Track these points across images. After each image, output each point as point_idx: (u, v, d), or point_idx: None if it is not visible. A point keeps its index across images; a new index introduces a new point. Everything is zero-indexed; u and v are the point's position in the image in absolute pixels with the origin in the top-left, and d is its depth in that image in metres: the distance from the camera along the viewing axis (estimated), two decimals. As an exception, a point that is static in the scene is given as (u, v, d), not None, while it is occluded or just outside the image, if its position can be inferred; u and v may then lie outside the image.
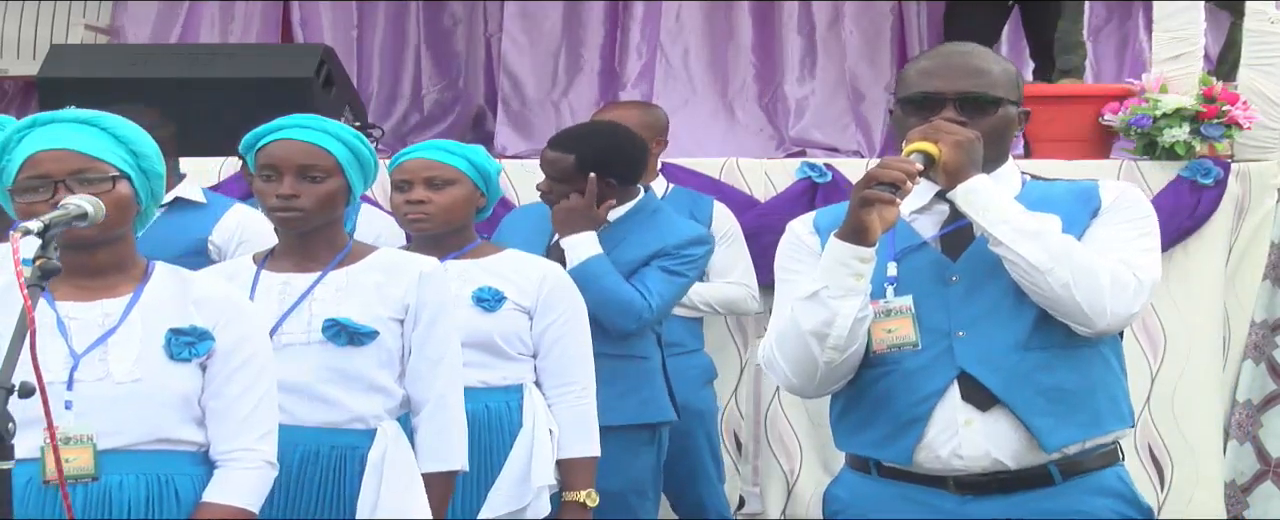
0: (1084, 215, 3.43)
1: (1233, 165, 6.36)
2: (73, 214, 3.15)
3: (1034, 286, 3.33)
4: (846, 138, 8.15)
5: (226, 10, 8.62)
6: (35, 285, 2.98)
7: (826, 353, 3.36)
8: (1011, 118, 3.47)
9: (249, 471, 3.36)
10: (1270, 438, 6.29)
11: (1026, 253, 3.31)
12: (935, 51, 3.56)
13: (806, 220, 3.59)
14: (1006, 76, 3.48)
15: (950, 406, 3.38)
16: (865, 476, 3.51)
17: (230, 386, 3.35)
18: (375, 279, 3.84)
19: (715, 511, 6.00)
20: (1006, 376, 3.36)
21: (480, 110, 8.65)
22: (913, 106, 3.44)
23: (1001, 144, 3.46)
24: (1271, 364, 6.30)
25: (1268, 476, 6.30)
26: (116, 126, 3.36)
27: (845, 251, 3.29)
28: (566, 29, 8.47)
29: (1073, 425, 3.39)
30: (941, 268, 3.42)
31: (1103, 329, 3.36)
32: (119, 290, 3.36)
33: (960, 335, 3.38)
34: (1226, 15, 7.64)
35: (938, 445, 3.39)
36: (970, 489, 3.40)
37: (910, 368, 3.40)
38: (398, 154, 4.61)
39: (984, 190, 3.34)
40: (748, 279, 6.07)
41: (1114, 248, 3.38)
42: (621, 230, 5.19)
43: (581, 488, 4.51)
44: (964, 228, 3.42)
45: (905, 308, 3.39)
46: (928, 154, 3.32)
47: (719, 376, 6.18)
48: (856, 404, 3.48)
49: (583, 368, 4.55)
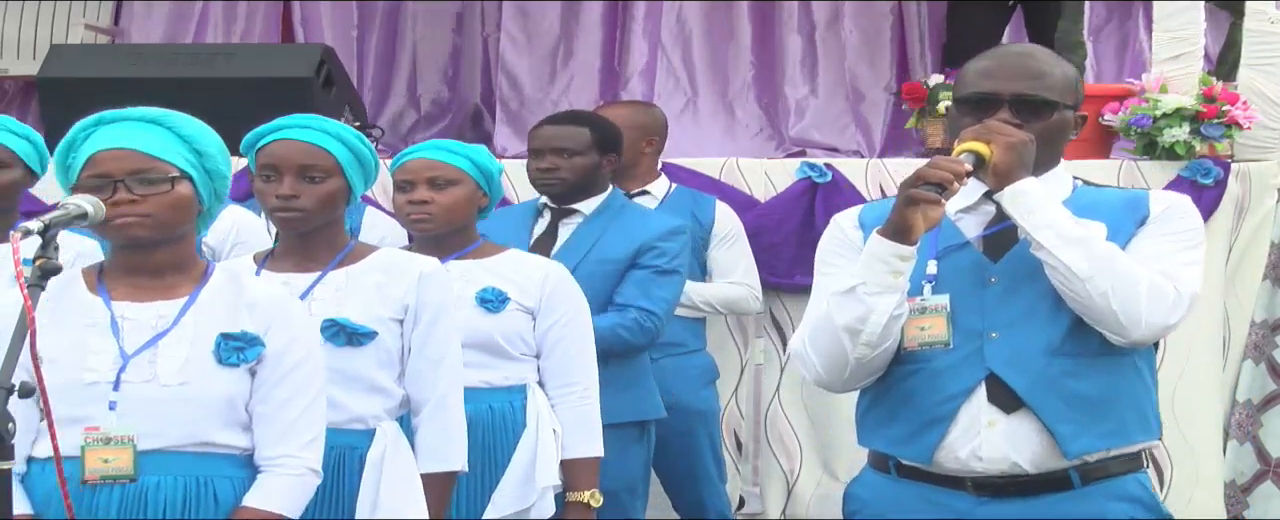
0: (1130, 224, 3.42)
1: (1233, 165, 6.36)
2: (72, 214, 3.16)
3: (1072, 293, 3.32)
4: (846, 138, 8.15)
5: (227, 10, 8.63)
6: (35, 285, 2.99)
7: (858, 349, 3.36)
8: (1067, 122, 3.46)
9: (291, 478, 3.35)
10: (1270, 438, 6.29)
11: (1068, 259, 3.30)
12: (995, 52, 3.56)
13: (852, 214, 3.58)
14: (1065, 80, 3.47)
15: (975, 407, 3.38)
16: (884, 476, 3.51)
17: (278, 392, 3.35)
18: (375, 279, 3.84)
19: (716, 511, 6.00)
20: (1034, 380, 3.36)
21: (477, 110, 8.65)
22: (968, 106, 3.43)
23: (1054, 148, 3.46)
24: (1271, 364, 6.30)
25: (1268, 476, 6.30)
26: (182, 125, 3.36)
27: (886, 249, 3.30)
28: (566, 29, 8.47)
29: (1095, 434, 3.39)
30: (981, 268, 3.42)
31: (1137, 339, 3.35)
32: (176, 292, 3.36)
33: (993, 337, 3.38)
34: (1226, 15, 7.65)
35: (958, 446, 3.38)
36: (988, 490, 3.40)
37: (939, 366, 3.40)
38: (400, 154, 4.61)
39: (1031, 193, 3.34)
40: (749, 279, 6.08)
41: (1157, 258, 3.37)
42: (598, 226, 5.25)
43: (585, 488, 4.51)
44: (1008, 229, 3.41)
45: (940, 306, 3.39)
46: (978, 154, 3.31)
47: (719, 377, 6.18)
48: (882, 400, 3.48)
49: (585, 368, 4.55)
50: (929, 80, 7.16)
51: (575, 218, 5.38)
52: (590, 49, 8.44)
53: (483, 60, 8.71)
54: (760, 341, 6.53)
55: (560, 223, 5.39)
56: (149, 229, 3.28)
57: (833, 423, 6.50)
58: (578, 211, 5.39)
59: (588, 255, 5.19)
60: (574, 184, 5.36)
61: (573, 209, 5.39)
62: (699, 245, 6.01)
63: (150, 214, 3.28)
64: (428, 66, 8.71)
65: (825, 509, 6.51)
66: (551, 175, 5.35)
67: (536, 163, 5.37)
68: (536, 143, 5.41)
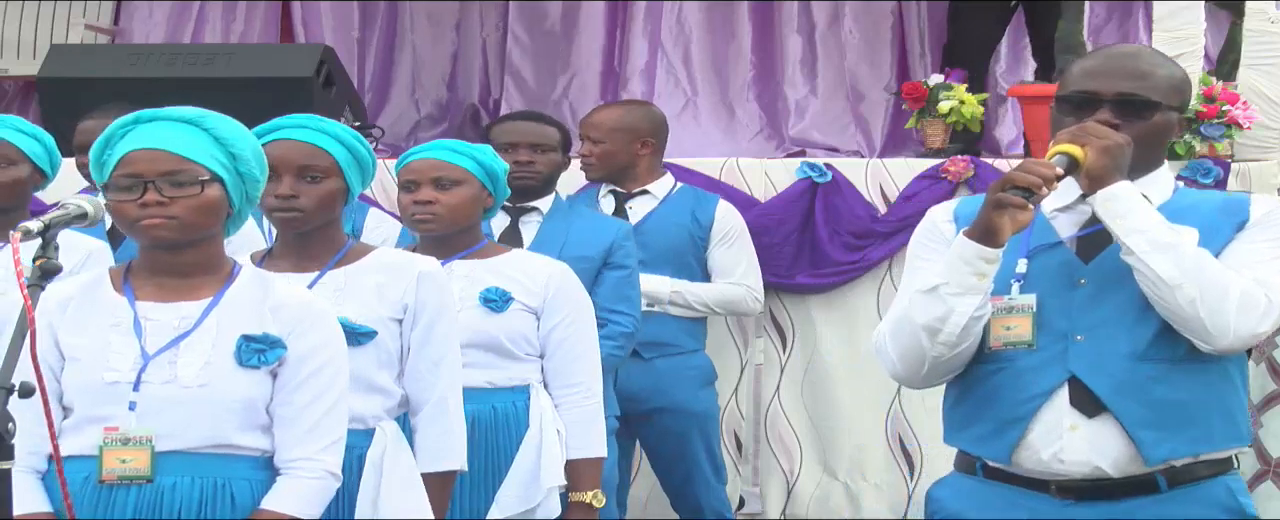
0: (1228, 228, 3.38)
1: (1233, 165, 6.36)
2: (72, 214, 3.16)
3: (1160, 299, 3.29)
4: (846, 138, 8.15)
5: (227, 10, 8.63)
6: (35, 285, 2.99)
7: (936, 348, 3.34)
8: (1170, 123, 3.43)
9: (310, 481, 3.35)
10: (1270, 438, 6.28)
11: (1157, 265, 3.27)
12: (1101, 51, 3.55)
13: (948, 208, 3.55)
14: (1169, 81, 3.43)
15: (1057, 410, 3.35)
16: (969, 477, 3.48)
17: (299, 395, 3.35)
18: (374, 279, 3.84)
19: (713, 512, 6.00)
20: (1117, 385, 3.33)
21: (476, 110, 8.65)
22: (1069, 105, 3.40)
23: (1155, 150, 3.42)
24: (1271, 364, 6.30)
25: (1268, 476, 6.30)
26: (218, 127, 3.36)
27: (971, 250, 3.28)
28: (567, 29, 8.48)
29: (1180, 440, 3.35)
30: (1071, 269, 3.39)
31: (1224, 347, 3.31)
32: (200, 293, 3.36)
33: (1078, 339, 3.35)
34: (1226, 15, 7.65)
35: (1040, 447, 3.36)
36: (1072, 494, 3.37)
37: (1022, 367, 3.37)
38: (404, 154, 4.61)
39: (1123, 198, 3.30)
40: (749, 279, 6.07)
41: (1252, 264, 3.33)
42: (560, 223, 5.33)
43: (588, 488, 4.51)
44: (1102, 231, 3.38)
45: (1027, 306, 3.36)
46: (1072, 156, 3.28)
47: (719, 377, 6.18)
48: (965, 398, 3.46)
49: (588, 368, 4.55)
50: (929, 80, 7.16)
51: (533, 216, 5.44)
52: (590, 49, 8.45)
53: (482, 61, 8.71)
54: (760, 341, 6.53)
55: (520, 221, 5.43)
56: (174, 231, 3.28)
57: (832, 423, 6.51)
58: (535, 209, 5.45)
59: (562, 253, 5.20)
60: (547, 179, 5.49)
61: (530, 207, 5.44)
62: (700, 245, 6.01)
63: (177, 216, 3.28)
64: (427, 67, 8.71)
65: (825, 509, 6.51)
66: (528, 169, 5.44)
67: (511, 156, 5.39)
68: (509, 137, 5.47)
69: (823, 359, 6.53)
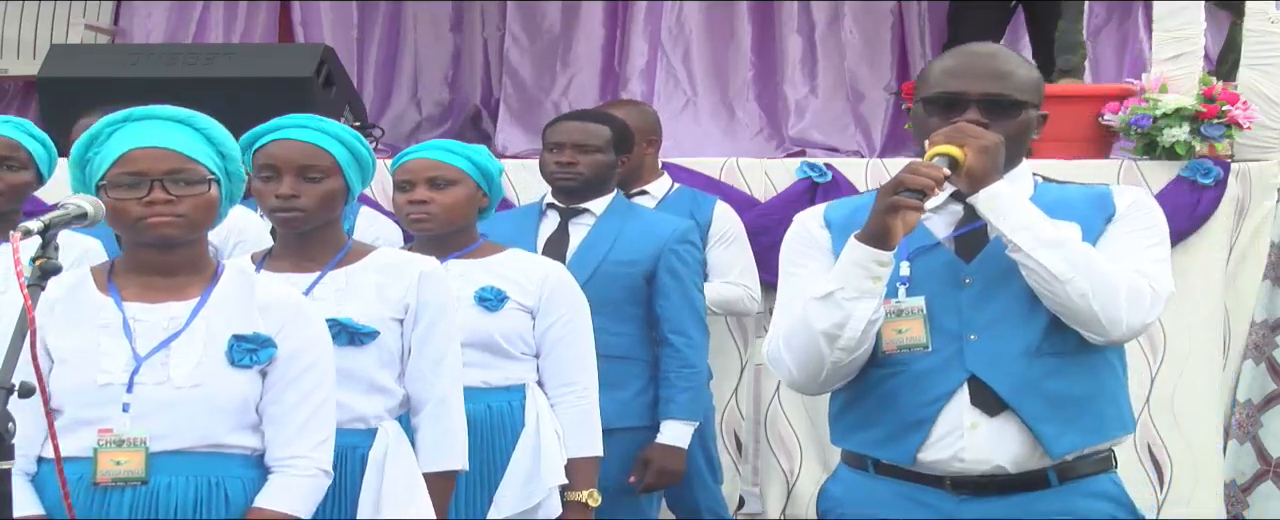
0: (1098, 221, 3.42)
1: (1233, 165, 6.36)
2: (72, 214, 3.15)
3: (1051, 294, 3.32)
4: (846, 138, 8.15)
5: (227, 10, 8.63)
6: (35, 285, 2.98)
7: (835, 353, 3.35)
8: (1031, 121, 3.46)
9: (302, 479, 3.36)
10: (1270, 438, 6.28)
11: (1047, 261, 3.29)
12: (959, 51, 3.54)
13: (815, 213, 3.58)
14: (1029, 80, 3.47)
15: (957, 409, 3.38)
16: (862, 474, 3.50)
17: (289, 393, 3.35)
18: (375, 279, 3.84)
19: (710, 512, 5.99)
20: (1016, 382, 3.36)
21: (476, 110, 8.65)
22: (935, 106, 3.42)
23: (1020, 147, 3.46)
24: (1271, 364, 6.30)
25: (1268, 476, 6.30)
26: (209, 128, 3.37)
27: (865, 255, 3.29)
28: (567, 29, 8.47)
29: (1078, 431, 3.39)
30: (955, 269, 3.42)
31: (1116, 339, 3.36)
32: (187, 293, 3.36)
33: (972, 339, 3.37)
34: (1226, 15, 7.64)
35: (941, 448, 3.38)
36: (967, 489, 3.40)
37: (919, 369, 3.39)
38: (400, 154, 4.62)
39: (1005, 196, 3.33)
40: (747, 279, 6.07)
41: (1128, 256, 3.37)
42: (611, 227, 5.30)
43: (584, 487, 4.52)
44: (978, 230, 3.41)
45: (917, 309, 3.38)
46: (952, 157, 3.30)
47: (718, 377, 6.17)
48: (858, 402, 3.47)
49: (584, 368, 4.56)
50: (929, 80, 7.15)
51: (585, 218, 5.39)
52: (590, 49, 8.44)
53: (483, 61, 8.71)
54: (760, 341, 6.53)
55: (570, 223, 5.39)
56: (180, 230, 3.29)
57: (832, 423, 6.50)
58: (587, 211, 5.40)
59: (607, 257, 5.19)
60: (590, 180, 5.38)
61: (582, 209, 5.40)
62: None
63: (184, 215, 3.29)
64: (428, 67, 8.71)
65: (825, 509, 6.51)
66: (570, 170, 5.36)
67: (555, 156, 5.37)
68: (557, 137, 5.42)
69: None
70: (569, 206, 5.40)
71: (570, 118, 5.55)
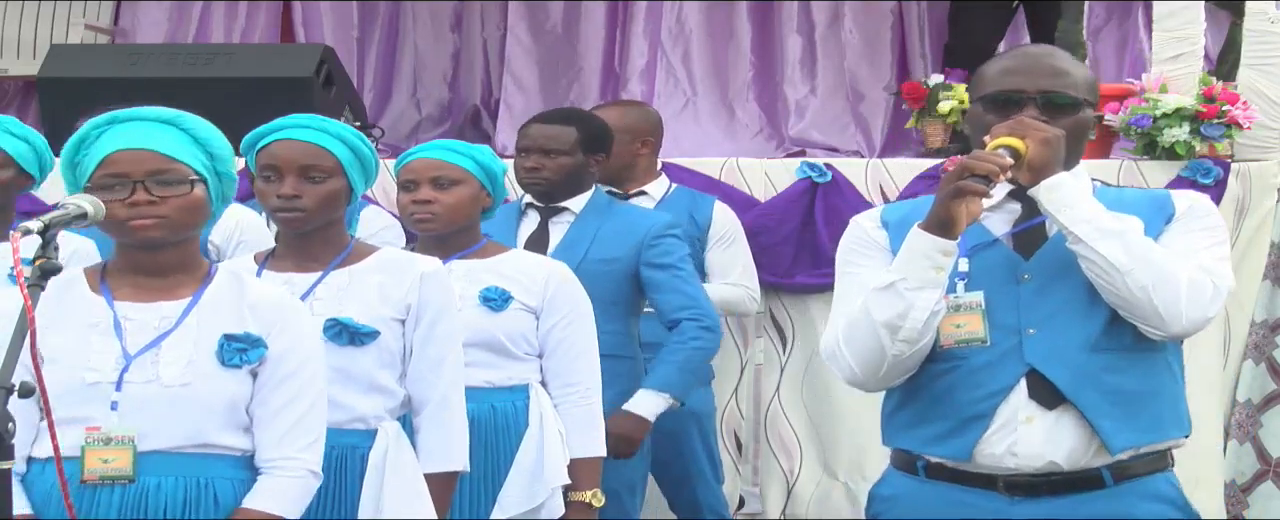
0: (1158, 221, 3.41)
1: (1233, 165, 6.36)
2: (72, 214, 3.15)
3: (1111, 287, 3.31)
4: (846, 138, 8.16)
5: (227, 10, 8.63)
6: (35, 285, 2.98)
7: (897, 345, 3.34)
8: (1089, 121, 3.47)
9: (291, 480, 3.35)
10: (1270, 438, 6.28)
11: (1107, 252, 3.29)
12: (1016, 51, 3.56)
13: (872, 215, 3.56)
14: (1085, 79, 3.48)
15: (1014, 404, 3.36)
16: (911, 477, 3.49)
17: (278, 394, 3.34)
18: (377, 279, 3.84)
19: (712, 512, 5.99)
20: (1075, 375, 3.34)
21: (476, 110, 8.66)
22: (993, 105, 3.42)
23: (1078, 146, 3.45)
24: (1271, 364, 6.30)
25: (1268, 476, 6.30)
26: (196, 128, 3.36)
27: (928, 243, 3.29)
28: (567, 29, 8.48)
29: (1135, 429, 3.38)
30: (1013, 265, 3.41)
31: (1176, 333, 3.35)
32: (179, 293, 3.36)
33: (1031, 333, 3.36)
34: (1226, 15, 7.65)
35: (994, 442, 3.36)
36: (1020, 490, 3.38)
37: (977, 364, 3.38)
38: (403, 154, 4.62)
39: (1067, 187, 3.33)
40: (747, 279, 6.07)
41: (1190, 254, 3.36)
42: (590, 225, 5.30)
43: (587, 488, 4.52)
44: (1036, 227, 3.42)
45: (976, 303, 3.38)
46: (1014, 148, 3.30)
47: (718, 377, 6.18)
48: (914, 399, 3.45)
49: (587, 367, 4.56)
50: (929, 80, 7.16)
51: (565, 216, 5.40)
52: (591, 49, 8.45)
53: (483, 61, 8.72)
54: (760, 341, 6.53)
55: (550, 222, 5.39)
56: (164, 231, 3.28)
57: (832, 423, 6.50)
58: (566, 210, 5.40)
59: (587, 255, 5.19)
60: (557, 183, 5.37)
61: (561, 207, 5.40)
62: (696, 246, 6.01)
63: (167, 216, 3.28)
64: (428, 67, 8.71)
65: (825, 509, 6.51)
66: (536, 175, 5.36)
67: (522, 161, 5.38)
68: (523, 141, 5.43)
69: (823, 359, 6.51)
70: (548, 206, 5.40)
71: (537, 120, 5.53)
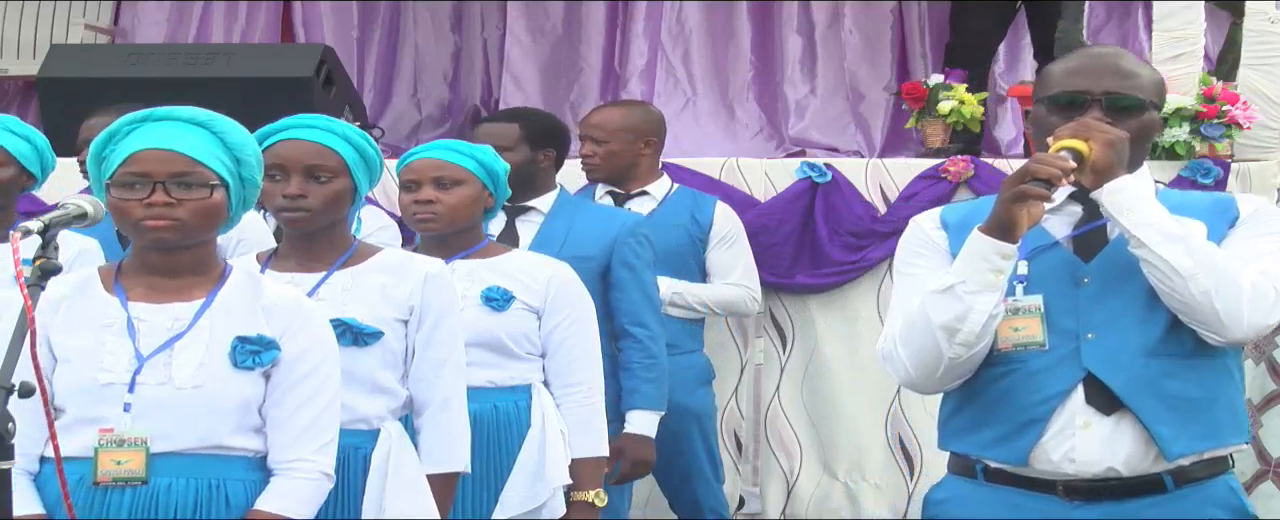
0: (1222, 225, 3.39)
1: (1233, 165, 6.36)
2: (72, 214, 3.15)
3: (1172, 291, 3.28)
4: (846, 138, 8.15)
5: (227, 10, 8.63)
6: (35, 285, 2.98)
7: (954, 348, 3.32)
8: (1154, 122, 3.44)
9: (304, 481, 3.35)
10: (1270, 438, 6.28)
11: (1170, 256, 3.26)
12: (1081, 52, 3.54)
13: (932, 215, 3.54)
14: (1152, 80, 3.45)
15: (1071, 409, 3.34)
16: (969, 481, 3.46)
17: (292, 396, 3.34)
18: (380, 279, 3.84)
19: (712, 511, 6.00)
20: (1133, 381, 3.32)
21: (476, 110, 8.66)
22: (1057, 106, 3.39)
23: (1143, 148, 3.43)
24: (1271, 364, 6.30)
25: (1268, 476, 6.30)
26: (227, 132, 3.35)
27: (988, 246, 3.26)
28: (568, 29, 8.48)
29: (1193, 435, 3.35)
30: (1073, 269, 3.38)
31: (1237, 338, 3.32)
32: (193, 294, 3.35)
33: (1089, 338, 3.34)
34: (1226, 15, 7.65)
35: (1052, 448, 3.34)
36: (1080, 494, 3.36)
37: (1035, 368, 3.35)
38: (405, 154, 4.62)
39: (1130, 190, 3.30)
40: (747, 280, 6.08)
41: (1253, 259, 3.33)
42: (561, 223, 5.29)
43: (589, 487, 4.52)
44: (1096, 230, 3.39)
45: (1035, 307, 3.35)
46: (1077, 151, 3.27)
47: (718, 377, 6.18)
48: (971, 403, 3.43)
49: (589, 367, 4.56)
50: (929, 80, 7.16)
51: (532, 215, 5.38)
52: (591, 49, 8.45)
53: (483, 61, 8.71)
54: (760, 341, 6.53)
55: (516, 220, 5.38)
56: (178, 233, 3.28)
57: (832, 423, 6.51)
58: (533, 209, 5.38)
59: (560, 254, 5.19)
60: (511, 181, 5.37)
61: (527, 206, 5.38)
62: (698, 246, 6.01)
63: (182, 219, 3.27)
64: (428, 67, 8.71)
65: (825, 509, 6.51)
66: None
67: None
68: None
69: (823, 359, 6.53)
70: (514, 205, 5.39)
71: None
